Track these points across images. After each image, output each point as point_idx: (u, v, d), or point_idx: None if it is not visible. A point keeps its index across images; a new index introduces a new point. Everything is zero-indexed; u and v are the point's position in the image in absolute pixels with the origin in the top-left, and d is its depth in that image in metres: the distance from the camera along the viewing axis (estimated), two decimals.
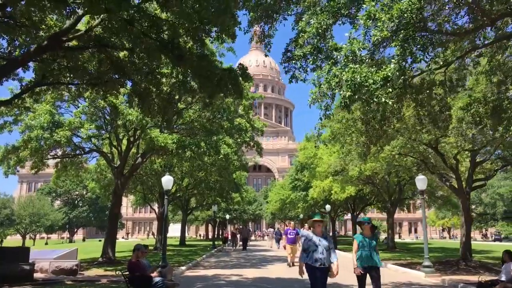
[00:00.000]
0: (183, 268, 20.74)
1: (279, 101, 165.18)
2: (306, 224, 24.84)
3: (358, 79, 7.74)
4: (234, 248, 40.06)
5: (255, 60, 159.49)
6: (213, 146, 21.53)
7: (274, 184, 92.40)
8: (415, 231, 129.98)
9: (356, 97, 8.04)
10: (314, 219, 8.86)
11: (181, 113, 18.23)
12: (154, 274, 10.51)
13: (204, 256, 30.16)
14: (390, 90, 7.94)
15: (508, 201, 72.09)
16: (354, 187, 36.84)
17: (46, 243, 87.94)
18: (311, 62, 9.67)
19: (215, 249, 39.22)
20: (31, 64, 13.75)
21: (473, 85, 15.02)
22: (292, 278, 17.33)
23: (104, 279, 16.80)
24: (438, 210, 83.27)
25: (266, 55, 11.84)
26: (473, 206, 71.88)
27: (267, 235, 69.42)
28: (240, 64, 13.14)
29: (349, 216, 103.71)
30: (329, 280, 8.94)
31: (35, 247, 66.65)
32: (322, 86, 8.72)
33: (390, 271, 20.30)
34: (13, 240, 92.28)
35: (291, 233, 22.33)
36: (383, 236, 71.62)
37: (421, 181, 19.24)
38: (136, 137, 24.85)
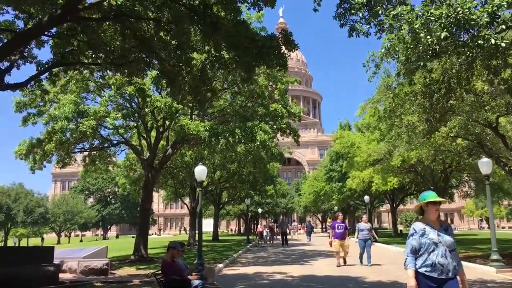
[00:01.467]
0: (220, 265, 19.11)
1: (307, 93, 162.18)
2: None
3: (459, 13, 5.72)
4: (271, 242, 38.28)
5: None
6: (248, 133, 19.79)
7: (306, 176, 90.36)
8: (451, 221, 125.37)
9: (449, 41, 6.02)
10: (427, 200, 5.23)
11: (215, 93, 16.49)
12: (193, 276, 8.86)
13: (240, 252, 28.57)
14: (504, 27, 5.89)
15: None
16: (397, 179, 34.55)
17: (81, 241, 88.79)
18: (378, 11, 7.66)
19: (250, 244, 37.65)
20: (48, 41, 12.30)
21: None
22: (342, 277, 15.47)
23: (136, 279, 15.32)
24: (477, 199, 79.74)
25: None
26: None
27: (291, 230, 67.74)
28: (282, 30, 11.36)
29: (383, 207, 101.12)
30: None
31: (70, 244, 66.84)
32: (402, 29, 6.72)
33: None
34: (48, 238, 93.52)
35: (339, 227, 18.82)
36: None
37: (485, 165, 16.93)
38: (165, 127, 23.39)
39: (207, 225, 72.93)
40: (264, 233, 41.42)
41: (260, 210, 63.77)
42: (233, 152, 23.40)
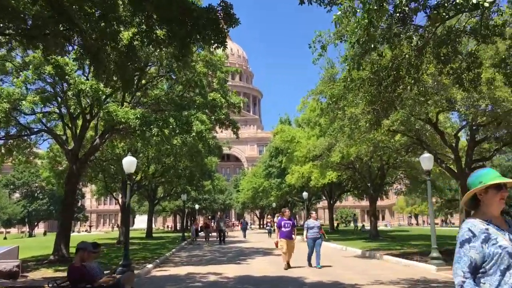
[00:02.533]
0: (150, 266, 17.50)
1: (247, 90, 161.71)
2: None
3: None
4: (206, 240, 36.87)
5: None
6: (183, 123, 18.27)
7: (245, 173, 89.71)
8: (383, 218, 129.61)
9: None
10: (489, 183, 2.95)
11: (144, 71, 14.85)
12: (104, 279, 7.36)
13: (173, 250, 27.01)
14: None
15: None
16: (336, 173, 34.45)
17: (5, 238, 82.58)
18: None
19: (185, 242, 36.09)
20: None
21: None
22: (281, 277, 14.47)
23: (51, 283, 13.44)
24: (409, 196, 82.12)
25: None
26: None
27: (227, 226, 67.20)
28: (222, 1, 10.07)
29: (320, 204, 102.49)
30: None
31: None
32: None
33: (390, 264, 17.75)
34: None
35: (286, 225, 16.52)
36: (360, 224, 70.33)
37: (426, 160, 16.59)
38: (93, 114, 21.34)
39: (142, 221, 70.34)
40: (192, 230, 40.17)
41: (197, 206, 62.15)
42: (168, 144, 21.81)
